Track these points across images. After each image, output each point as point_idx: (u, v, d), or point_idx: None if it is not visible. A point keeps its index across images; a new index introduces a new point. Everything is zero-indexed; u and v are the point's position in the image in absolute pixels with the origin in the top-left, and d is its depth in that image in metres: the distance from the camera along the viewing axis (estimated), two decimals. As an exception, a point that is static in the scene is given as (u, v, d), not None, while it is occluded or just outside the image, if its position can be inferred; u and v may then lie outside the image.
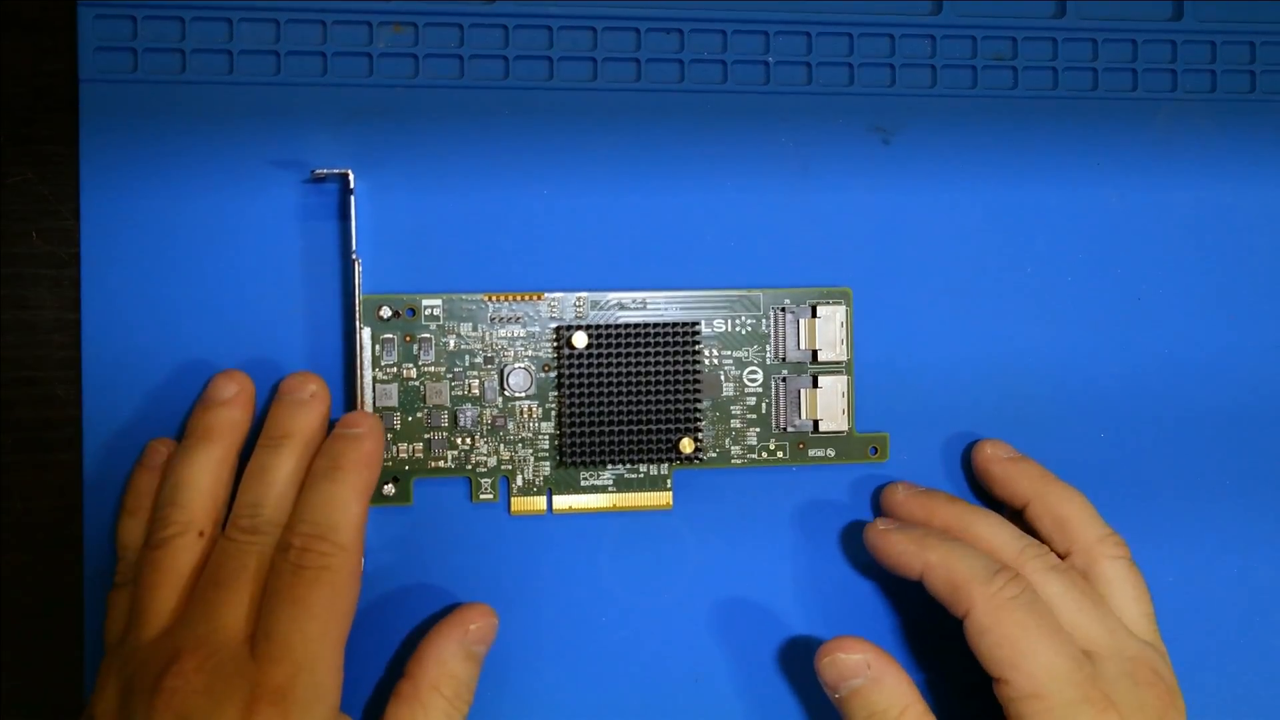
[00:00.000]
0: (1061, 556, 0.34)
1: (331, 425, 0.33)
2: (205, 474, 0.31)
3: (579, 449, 0.35)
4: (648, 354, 0.35)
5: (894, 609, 0.37)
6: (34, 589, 0.33)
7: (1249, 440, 0.39)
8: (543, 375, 0.35)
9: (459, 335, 0.35)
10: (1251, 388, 0.39)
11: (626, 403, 0.35)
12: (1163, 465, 0.38)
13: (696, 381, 0.35)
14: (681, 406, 0.35)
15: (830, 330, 0.36)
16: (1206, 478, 0.38)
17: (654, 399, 0.35)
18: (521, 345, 0.35)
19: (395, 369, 0.34)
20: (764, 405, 0.36)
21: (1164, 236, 0.39)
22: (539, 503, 0.35)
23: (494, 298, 0.35)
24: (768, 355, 0.36)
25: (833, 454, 0.36)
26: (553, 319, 0.35)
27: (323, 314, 0.34)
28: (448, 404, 0.35)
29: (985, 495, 0.37)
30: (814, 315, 0.36)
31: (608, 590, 0.36)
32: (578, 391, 0.35)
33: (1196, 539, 0.38)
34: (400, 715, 0.31)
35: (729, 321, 0.36)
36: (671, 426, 0.35)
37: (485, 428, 0.35)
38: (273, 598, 0.29)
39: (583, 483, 0.35)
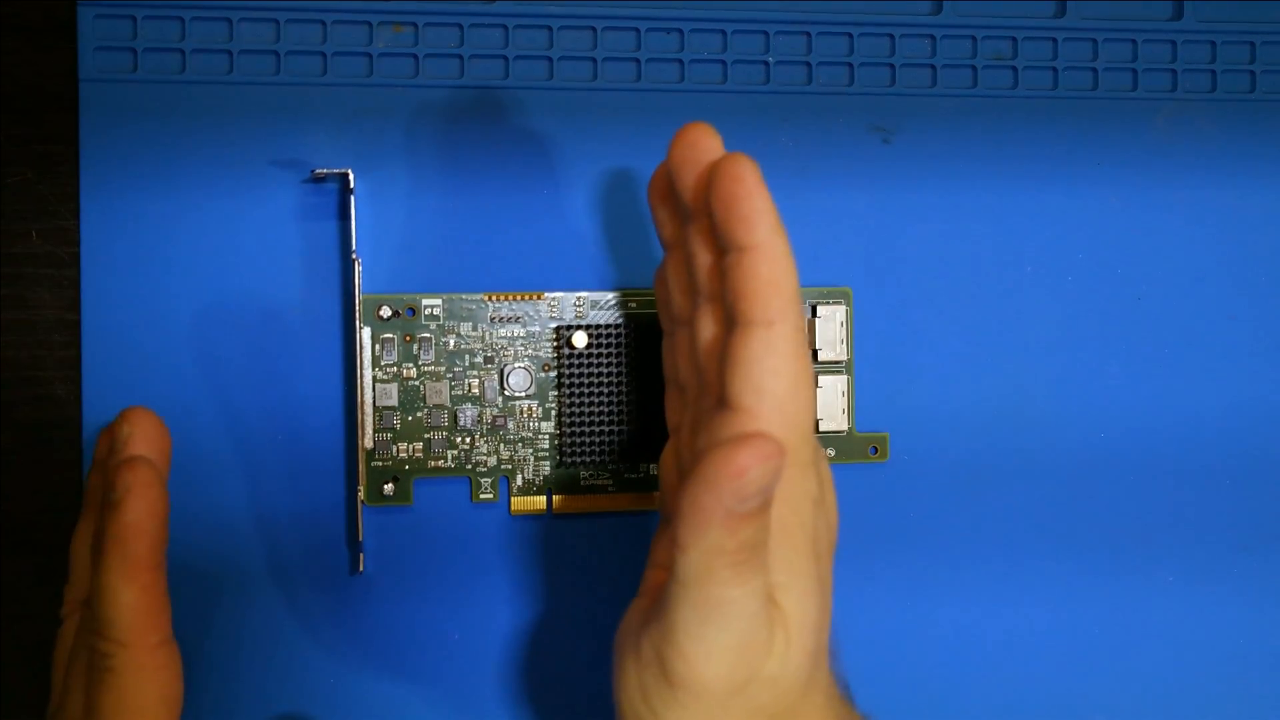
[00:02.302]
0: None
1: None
2: (88, 546, 0.29)
3: (579, 449, 0.35)
4: (648, 354, 0.35)
5: (894, 609, 0.37)
6: (34, 589, 0.33)
7: (1249, 440, 0.39)
8: (543, 375, 0.35)
9: (459, 335, 0.35)
10: (1252, 387, 0.39)
11: (626, 403, 0.35)
12: (1163, 463, 0.38)
13: (696, 381, 0.35)
14: (681, 406, 0.35)
15: (830, 330, 0.36)
16: (1207, 476, 0.38)
17: (654, 399, 0.35)
18: (521, 345, 0.35)
19: (395, 369, 0.34)
20: (764, 405, 0.36)
21: (1164, 236, 0.39)
22: (539, 503, 0.35)
23: (494, 298, 0.35)
24: (768, 355, 0.36)
25: (833, 454, 0.36)
26: (553, 319, 0.35)
27: (323, 314, 0.34)
28: (448, 404, 0.35)
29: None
30: (814, 315, 0.36)
31: (608, 590, 0.36)
32: (578, 391, 0.35)
33: (1197, 539, 0.38)
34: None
35: (729, 321, 0.36)
36: (671, 426, 0.35)
37: (485, 428, 0.35)
38: (89, 698, 0.27)
39: (583, 483, 0.35)
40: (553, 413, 0.35)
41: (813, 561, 0.27)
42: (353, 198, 0.34)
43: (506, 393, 0.35)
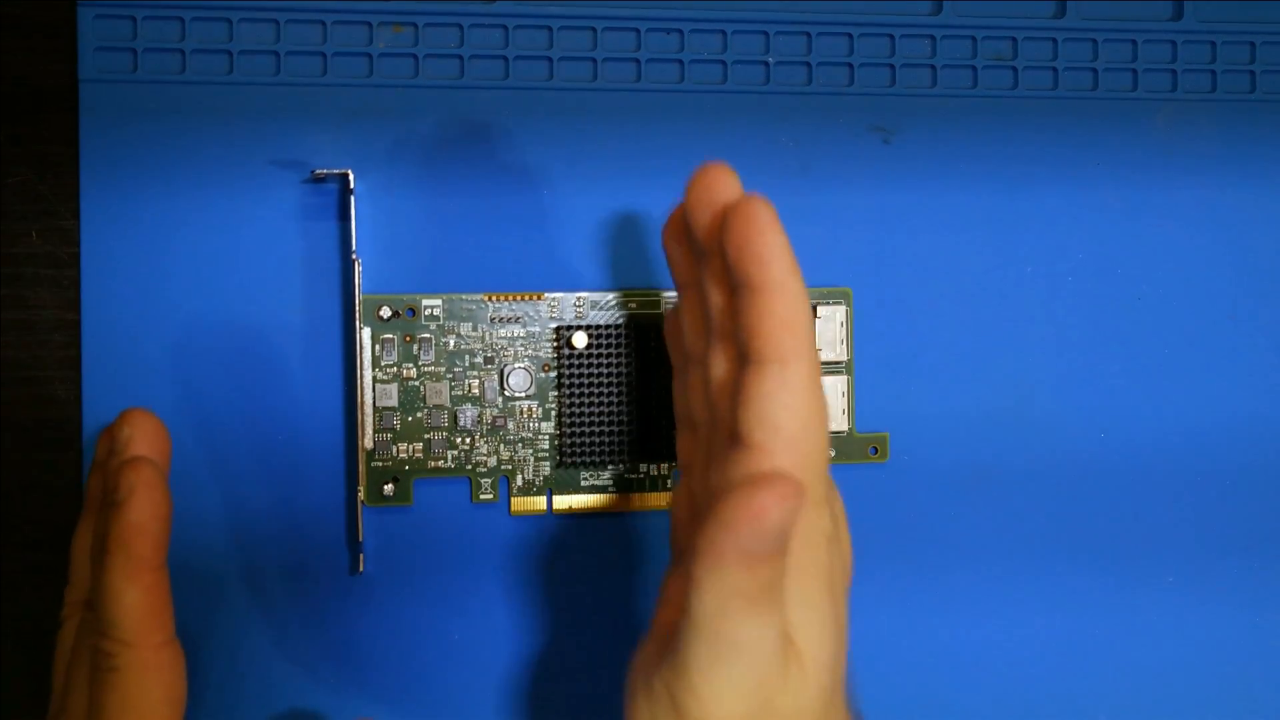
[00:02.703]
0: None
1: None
2: (88, 547, 0.29)
3: (579, 449, 0.35)
4: (648, 354, 0.35)
5: (894, 609, 0.37)
6: (34, 589, 0.33)
7: (1249, 440, 0.39)
8: (543, 375, 0.35)
9: (459, 335, 0.35)
10: (1252, 387, 0.39)
11: (626, 403, 0.35)
12: (1163, 463, 0.38)
13: (696, 381, 0.35)
14: (681, 406, 0.35)
15: (830, 330, 0.36)
16: (1208, 475, 0.38)
17: (654, 399, 0.35)
18: (521, 345, 0.35)
19: (395, 369, 0.34)
20: (764, 405, 0.36)
21: (1164, 236, 0.39)
22: (539, 503, 0.35)
23: (494, 298, 0.35)
24: (768, 355, 0.36)
25: (833, 454, 0.36)
26: (553, 319, 0.35)
27: (323, 314, 0.34)
28: (448, 404, 0.35)
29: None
30: (814, 315, 0.36)
31: (608, 590, 0.36)
32: (578, 391, 0.35)
33: (1198, 540, 0.38)
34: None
35: (729, 321, 0.36)
36: (671, 426, 0.35)
37: (485, 428, 0.35)
38: (93, 699, 0.27)
39: (583, 483, 0.35)
40: (553, 413, 0.35)
41: (828, 598, 0.27)
42: (353, 198, 0.34)
43: (506, 393, 0.35)
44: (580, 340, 0.35)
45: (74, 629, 0.29)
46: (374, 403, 0.34)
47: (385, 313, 0.34)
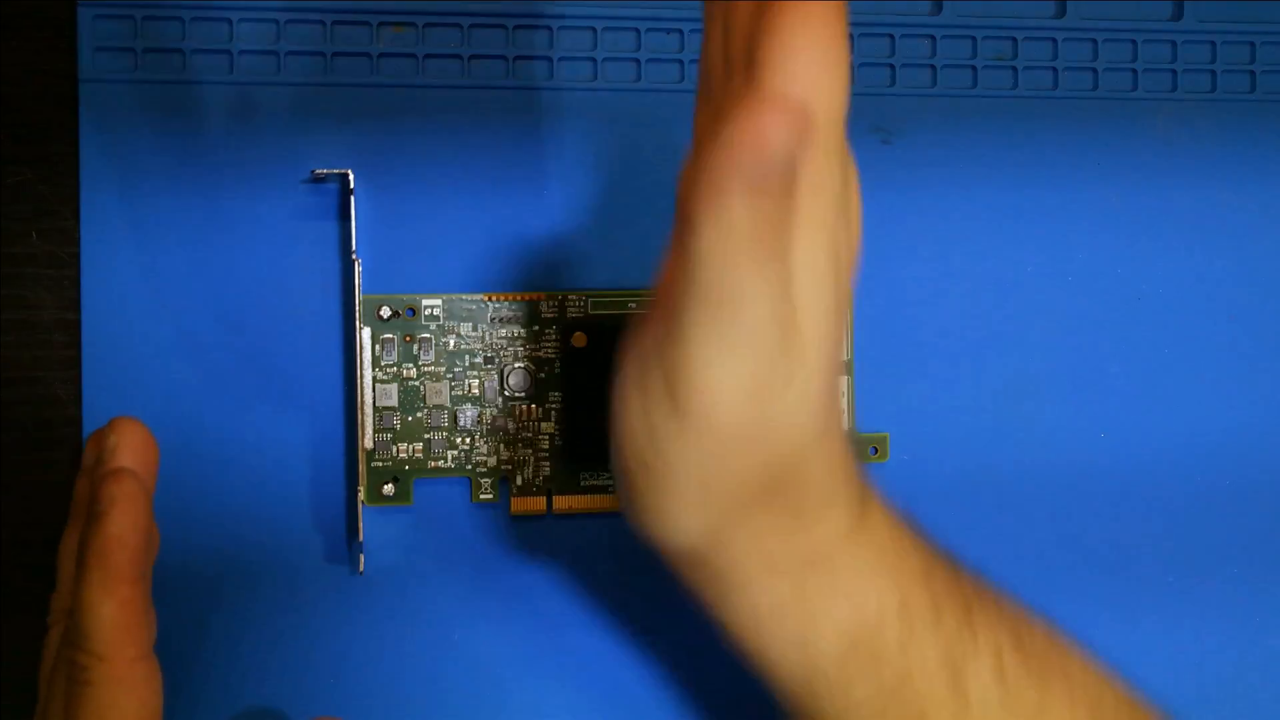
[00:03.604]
0: None
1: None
2: (74, 554, 0.29)
3: (579, 449, 0.35)
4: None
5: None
6: (34, 589, 0.33)
7: (1248, 440, 0.39)
8: (543, 375, 0.35)
9: (459, 335, 0.35)
10: (1253, 387, 0.39)
11: (626, 403, 0.35)
12: (1163, 462, 0.38)
13: (696, 381, 0.35)
14: (681, 406, 0.35)
15: (830, 330, 0.36)
16: (1207, 473, 0.38)
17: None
18: (521, 345, 0.35)
19: (395, 369, 0.34)
20: (764, 405, 0.36)
21: (1164, 236, 0.39)
22: (539, 503, 0.35)
23: (494, 298, 0.35)
24: (768, 355, 0.36)
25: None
26: (553, 319, 0.35)
27: (323, 314, 0.34)
28: (448, 404, 0.35)
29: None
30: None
31: (608, 590, 0.36)
32: (578, 391, 0.35)
33: (1198, 538, 0.38)
34: None
35: (729, 321, 0.36)
36: (671, 426, 0.35)
37: (485, 428, 0.35)
38: (67, 711, 0.27)
39: (583, 483, 0.35)
40: (553, 413, 0.35)
41: (833, 271, 0.24)
42: (353, 198, 0.34)
43: (506, 393, 0.35)
44: (580, 340, 0.35)
45: (58, 637, 0.29)
46: (374, 403, 0.34)
47: (385, 313, 0.34)
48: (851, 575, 0.27)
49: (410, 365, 0.34)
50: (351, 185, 0.34)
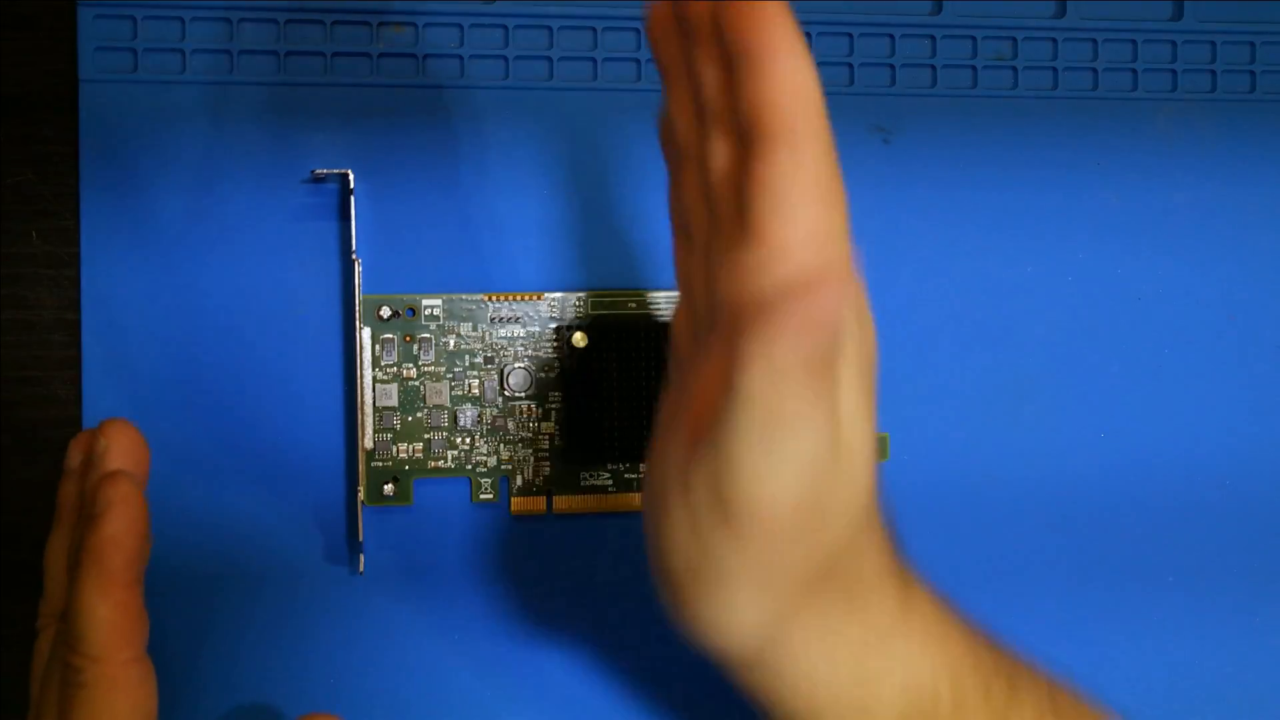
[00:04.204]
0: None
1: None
2: (62, 557, 0.29)
3: (579, 449, 0.35)
4: (648, 354, 0.35)
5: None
6: (33, 589, 0.33)
7: (1248, 440, 0.39)
8: (543, 375, 0.35)
9: (459, 335, 0.35)
10: (1252, 386, 0.39)
11: (626, 403, 0.35)
12: (1162, 462, 0.38)
13: (696, 381, 0.35)
14: (681, 406, 0.35)
15: (830, 330, 0.36)
16: (1206, 472, 0.38)
17: (654, 399, 0.35)
18: (521, 345, 0.35)
19: (395, 369, 0.34)
20: (764, 405, 0.36)
21: (1164, 236, 0.39)
22: (539, 503, 0.35)
23: (494, 298, 0.35)
24: (768, 355, 0.36)
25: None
26: (553, 319, 0.35)
27: (323, 314, 0.34)
28: (448, 404, 0.35)
29: None
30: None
31: (608, 590, 0.36)
32: (578, 391, 0.35)
33: (1198, 536, 0.38)
34: None
35: (729, 321, 0.36)
36: (671, 426, 0.35)
37: (485, 428, 0.35)
38: (60, 714, 0.27)
39: (583, 483, 0.35)
40: (553, 413, 0.35)
41: (865, 386, 0.25)
42: (353, 198, 0.34)
43: (506, 393, 0.35)
44: (580, 340, 0.35)
45: (49, 640, 0.29)
46: (374, 403, 0.34)
47: (385, 313, 0.34)
48: (905, 654, 0.28)
49: (410, 365, 0.34)
50: (351, 185, 0.34)
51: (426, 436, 0.34)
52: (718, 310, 0.23)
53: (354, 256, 0.34)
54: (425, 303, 0.34)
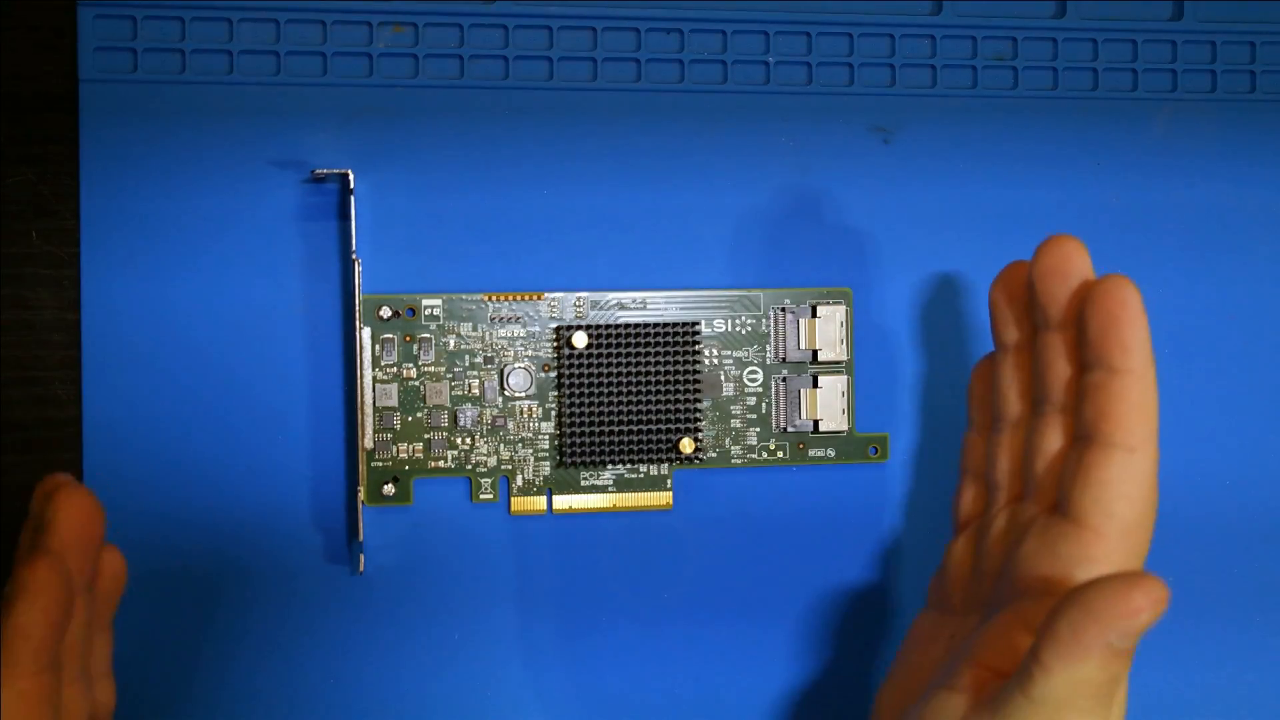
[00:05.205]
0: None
1: None
2: None
3: (579, 449, 0.35)
4: (648, 354, 0.35)
5: (894, 609, 0.37)
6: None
7: (1247, 440, 0.39)
8: (543, 375, 0.35)
9: (459, 335, 0.35)
10: (1252, 385, 0.39)
11: (626, 403, 0.35)
12: (1162, 460, 0.38)
13: (696, 381, 0.35)
14: (681, 406, 0.35)
15: (830, 330, 0.36)
16: (1204, 472, 0.38)
17: (654, 399, 0.35)
18: (521, 345, 0.35)
19: (395, 369, 0.34)
20: (764, 405, 0.36)
21: (1164, 236, 0.39)
22: (539, 503, 0.35)
23: (494, 298, 0.35)
24: (768, 355, 0.36)
25: (833, 454, 0.36)
26: (553, 319, 0.35)
27: (323, 314, 0.34)
28: (448, 404, 0.35)
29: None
30: (814, 315, 0.36)
31: (608, 590, 0.36)
32: (578, 391, 0.35)
33: (1197, 536, 0.38)
34: None
35: (729, 321, 0.36)
36: (671, 426, 0.35)
37: (485, 428, 0.35)
38: None
39: (583, 483, 0.35)
40: (553, 413, 0.35)
41: (1123, 698, 0.27)
42: (353, 198, 0.34)
43: (506, 393, 0.35)
44: (580, 340, 0.35)
45: None
46: (374, 403, 0.34)
47: (385, 313, 0.34)
48: None
49: (410, 365, 0.34)
50: (351, 185, 0.34)
51: (426, 436, 0.34)
52: (1015, 569, 0.27)
53: (354, 256, 0.34)
54: (425, 303, 0.34)
